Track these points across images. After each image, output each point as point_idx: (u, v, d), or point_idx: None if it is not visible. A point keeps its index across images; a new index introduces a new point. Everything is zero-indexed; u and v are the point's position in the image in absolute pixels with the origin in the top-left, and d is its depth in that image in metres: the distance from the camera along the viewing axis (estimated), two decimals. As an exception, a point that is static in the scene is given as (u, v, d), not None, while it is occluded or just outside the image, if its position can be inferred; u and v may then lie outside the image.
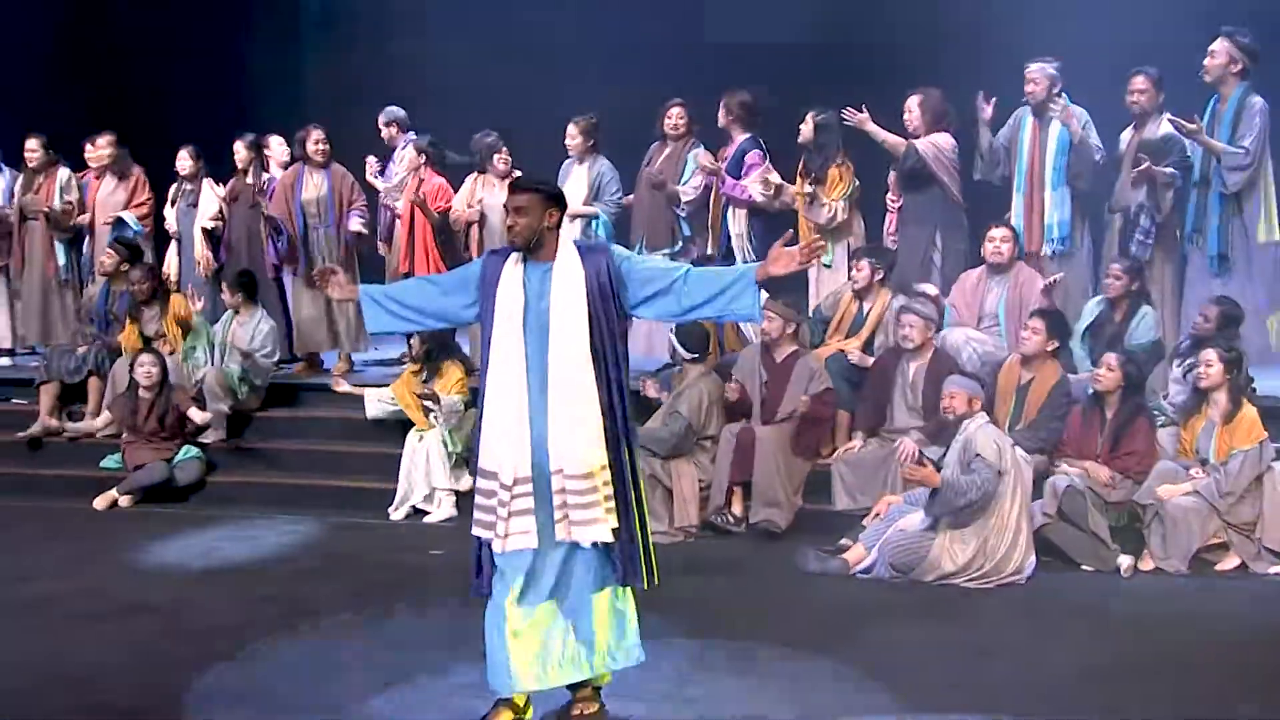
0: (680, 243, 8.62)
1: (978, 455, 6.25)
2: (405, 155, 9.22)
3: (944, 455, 6.62)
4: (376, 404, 8.30)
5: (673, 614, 5.55)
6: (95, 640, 5.53)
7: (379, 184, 9.36)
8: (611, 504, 4.42)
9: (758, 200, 8.34)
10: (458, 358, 8.32)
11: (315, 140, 9.16)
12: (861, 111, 8.06)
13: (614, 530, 4.44)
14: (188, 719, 4.73)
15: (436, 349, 8.11)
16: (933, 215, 8.14)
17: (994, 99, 8.02)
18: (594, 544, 4.47)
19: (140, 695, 4.92)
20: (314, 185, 9.21)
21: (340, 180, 9.23)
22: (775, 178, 8.38)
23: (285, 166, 9.58)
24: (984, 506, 6.26)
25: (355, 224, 9.18)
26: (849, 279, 7.99)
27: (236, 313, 8.77)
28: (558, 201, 4.54)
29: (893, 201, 8.36)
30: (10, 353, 10.19)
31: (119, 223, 9.75)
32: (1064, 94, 7.84)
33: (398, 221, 9.20)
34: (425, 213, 8.93)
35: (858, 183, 8.30)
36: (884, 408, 7.34)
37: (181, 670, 5.14)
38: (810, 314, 8.14)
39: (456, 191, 9.10)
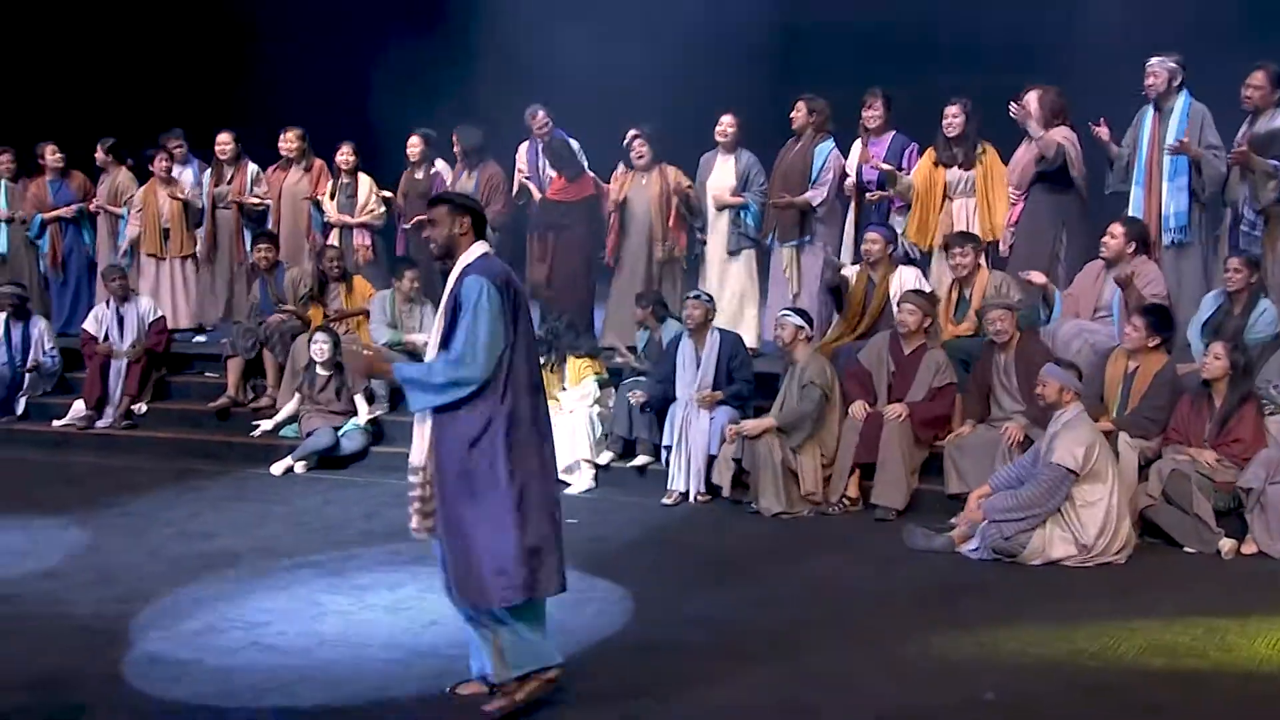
0: (809, 237, 9.03)
1: (1051, 463, 6.54)
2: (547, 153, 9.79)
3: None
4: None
5: (783, 585, 6.03)
6: (265, 590, 6.29)
7: (531, 187, 9.96)
8: (429, 507, 4.66)
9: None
10: (583, 347, 8.77)
11: (457, 139, 9.84)
12: (1023, 107, 8.28)
13: (429, 529, 4.70)
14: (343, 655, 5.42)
15: (556, 338, 8.56)
16: (1062, 210, 8.37)
17: (1103, 118, 8.20)
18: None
19: (304, 638, 5.63)
20: (462, 182, 9.89)
21: (488, 179, 9.88)
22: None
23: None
24: (1055, 507, 6.55)
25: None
26: (951, 266, 8.27)
27: (411, 301, 9.47)
28: (466, 210, 4.81)
29: (1014, 194, 8.57)
30: (203, 330, 11.15)
31: (316, 206, 10.55)
32: (1184, 88, 7.96)
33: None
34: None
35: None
36: (987, 396, 7.64)
37: (339, 616, 5.85)
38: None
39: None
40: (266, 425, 9.29)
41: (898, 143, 8.86)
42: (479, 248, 4.77)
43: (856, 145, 8.98)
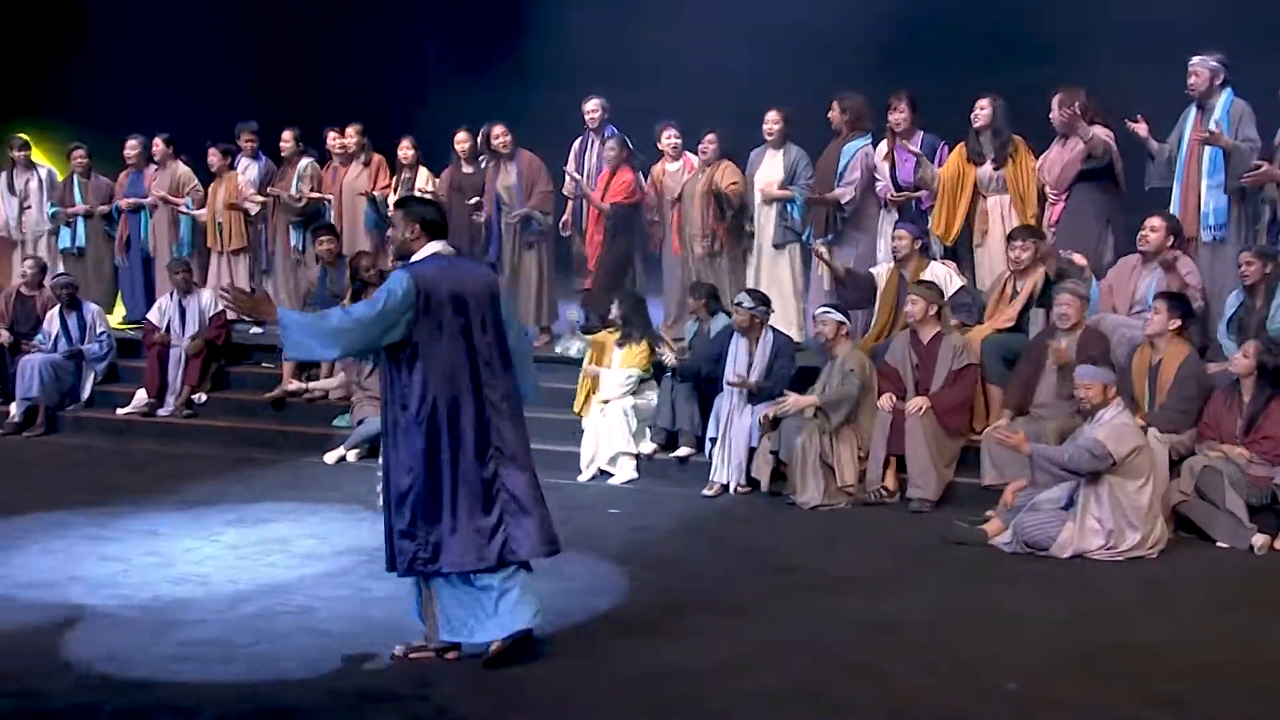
0: (832, 235, 9.17)
1: (1096, 439, 6.64)
2: (609, 147, 9.91)
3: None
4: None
5: (813, 575, 6.20)
6: (315, 576, 6.54)
7: (578, 182, 10.09)
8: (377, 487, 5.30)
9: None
10: (650, 332, 9.00)
11: (497, 135, 10.02)
12: (1070, 107, 8.32)
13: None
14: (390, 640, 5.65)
15: (633, 318, 8.83)
16: (1106, 207, 8.43)
17: (1139, 114, 8.24)
18: None
19: (352, 623, 5.86)
20: (506, 174, 10.10)
21: (528, 169, 10.08)
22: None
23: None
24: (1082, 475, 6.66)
25: (518, 214, 10.01)
26: (1010, 259, 8.36)
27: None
28: (417, 217, 5.23)
29: (1054, 194, 8.60)
30: (260, 322, 11.46)
31: (371, 202, 10.80)
32: (1228, 86, 7.99)
33: (585, 211, 10.01)
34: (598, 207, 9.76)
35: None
36: (1032, 386, 7.73)
37: (389, 603, 6.06)
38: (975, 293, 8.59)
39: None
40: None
41: (927, 142, 8.96)
42: (430, 248, 5.20)
43: (882, 146, 9.07)
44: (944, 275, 8.44)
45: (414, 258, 5.20)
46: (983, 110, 8.66)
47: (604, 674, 5.23)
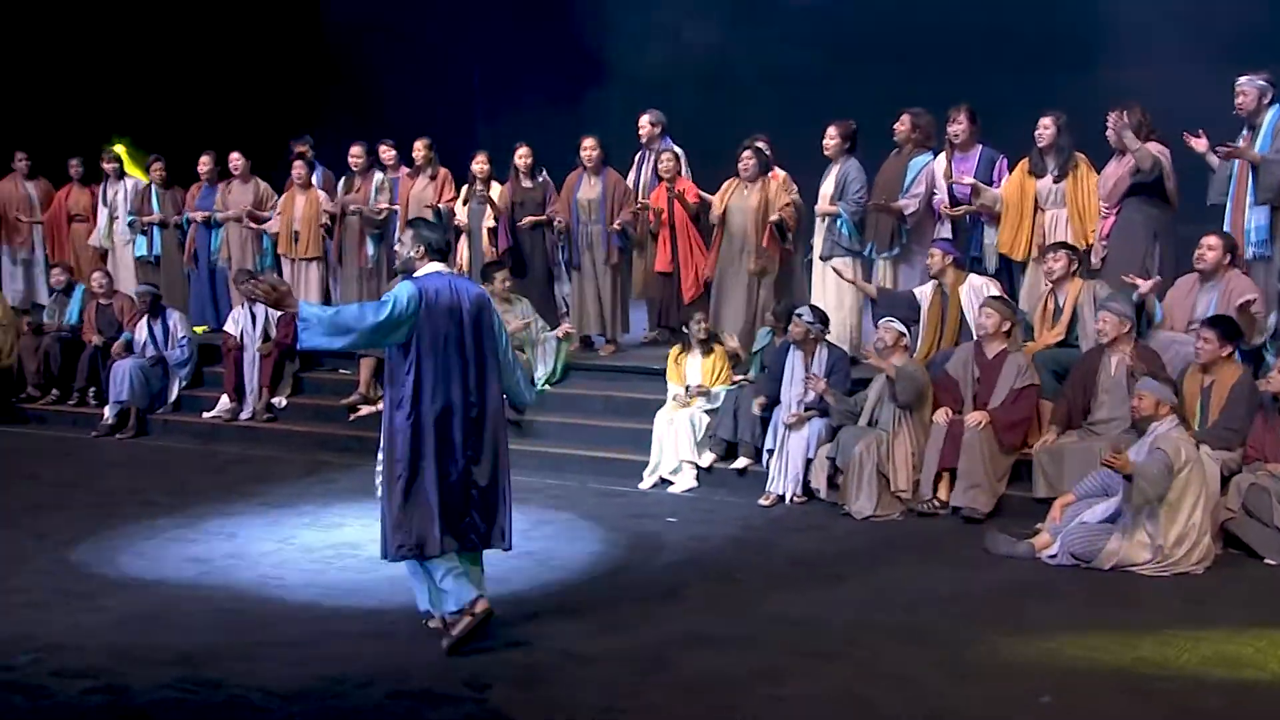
0: (898, 249, 9.32)
1: (1158, 448, 6.75)
2: (665, 157, 10.14)
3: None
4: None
5: (860, 586, 6.42)
6: (385, 580, 6.85)
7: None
8: (379, 477, 5.83)
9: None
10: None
11: (587, 147, 10.30)
12: (1119, 117, 8.41)
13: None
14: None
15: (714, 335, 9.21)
16: (1155, 222, 8.49)
17: (1200, 129, 8.31)
18: None
19: (413, 625, 6.17)
20: (589, 187, 10.37)
21: (614, 184, 10.35)
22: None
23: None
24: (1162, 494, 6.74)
25: (617, 224, 10.28)
26: (1044, 271, 8.47)
27: (506, 301, 9.99)
28: (425, 240, 5.88)
29: (1105, 207, 8.67)
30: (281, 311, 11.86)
31: (436, 214, 11.11)
32: (1275, 104, 8.03)
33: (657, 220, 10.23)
34: (683, 204, 9.93)
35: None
36: (1084, 401, 7.84)
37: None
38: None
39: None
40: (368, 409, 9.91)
41: (986, 156, 9.08)
42: (432, 267, 5.85)
43: (941, 159, 9.21)
44: (979, 286, 8.58)
45: (417, 274, 5.83)
46: (1046, 130, 8.74)
47: (654, 680, 5.48)
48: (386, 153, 11.47)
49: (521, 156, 10.67)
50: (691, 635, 6.00)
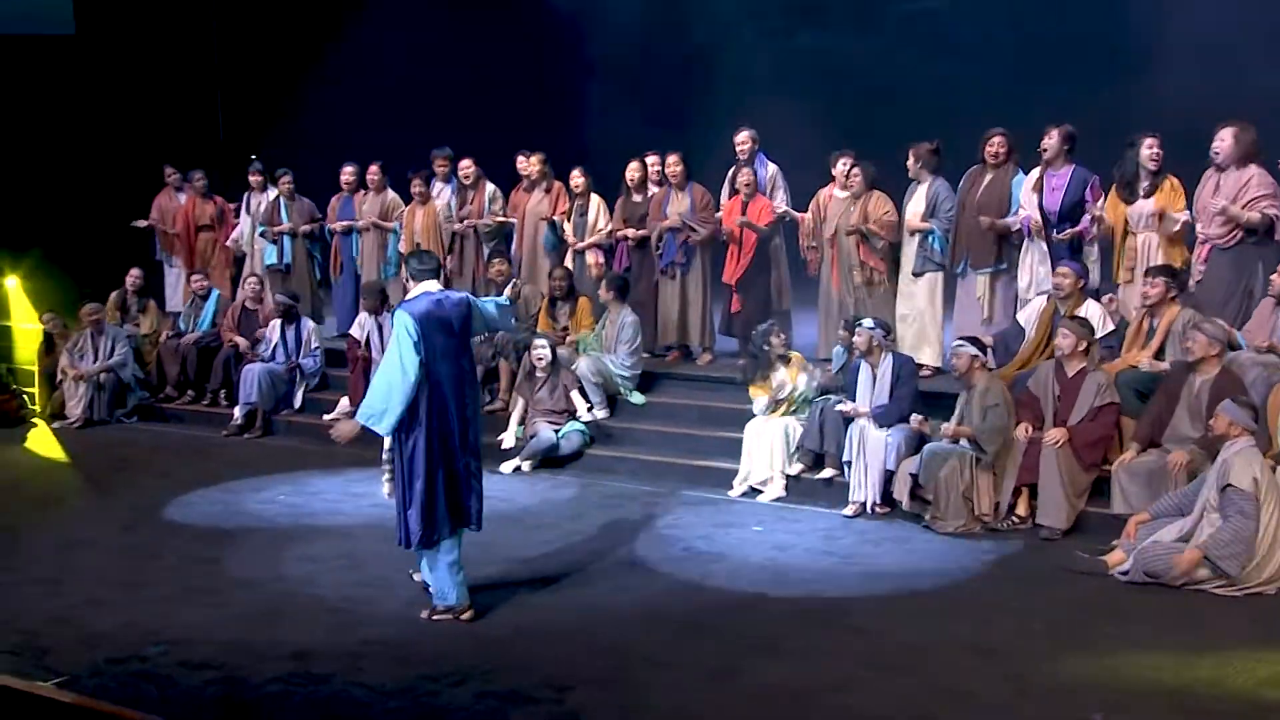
0: (1004, 264, 9.48)
1: (1229, 485, 6.88)
2: (744, 173, 10.53)
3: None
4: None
5: (932, 600, 6.71)
6: (482, 582, 7.29)
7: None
8: (388, 473, 6.69)
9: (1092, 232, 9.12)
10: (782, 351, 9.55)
11: (671, 164, 10.69)
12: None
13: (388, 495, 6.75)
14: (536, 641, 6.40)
15: (759, 351, 9.44)
16: (1257, 253, 8.49)
17: None
18: None
19: (506, 629, 6.61)
20: (677, 201, 10.75)
21: (700, 198, 10.71)
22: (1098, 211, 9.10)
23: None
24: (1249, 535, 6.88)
25: (695, 237, 10.65)
26: (1142, 294, 8.58)
27: (606, 310, 10.45)
28: (412, 269, 6.82)
29: (1202, 232, 8.69)
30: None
31: (550, 226, 11.63)
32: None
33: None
34: (753, 229, 10.33)
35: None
36: (1165, 419, 7.95)
37: (544, 612, 6.82)
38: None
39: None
40: (509, 440, 10.31)
41: (1078, 176, 9.17)
42: (422, 288, 6.69)
43: (1034, 174, 9.35)
44: (1099, 315, 8.72)
45: (408, 296, 6.73)
46: (1145, 149, 8.81)
47: (725, 687, 5.82)
48: (522, 162, 11.80)
49: (632, 171, 11.04)
50: (765, 644, 6.33)
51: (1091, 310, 8.76)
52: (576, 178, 11.36)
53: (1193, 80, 10.38)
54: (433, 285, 6.72)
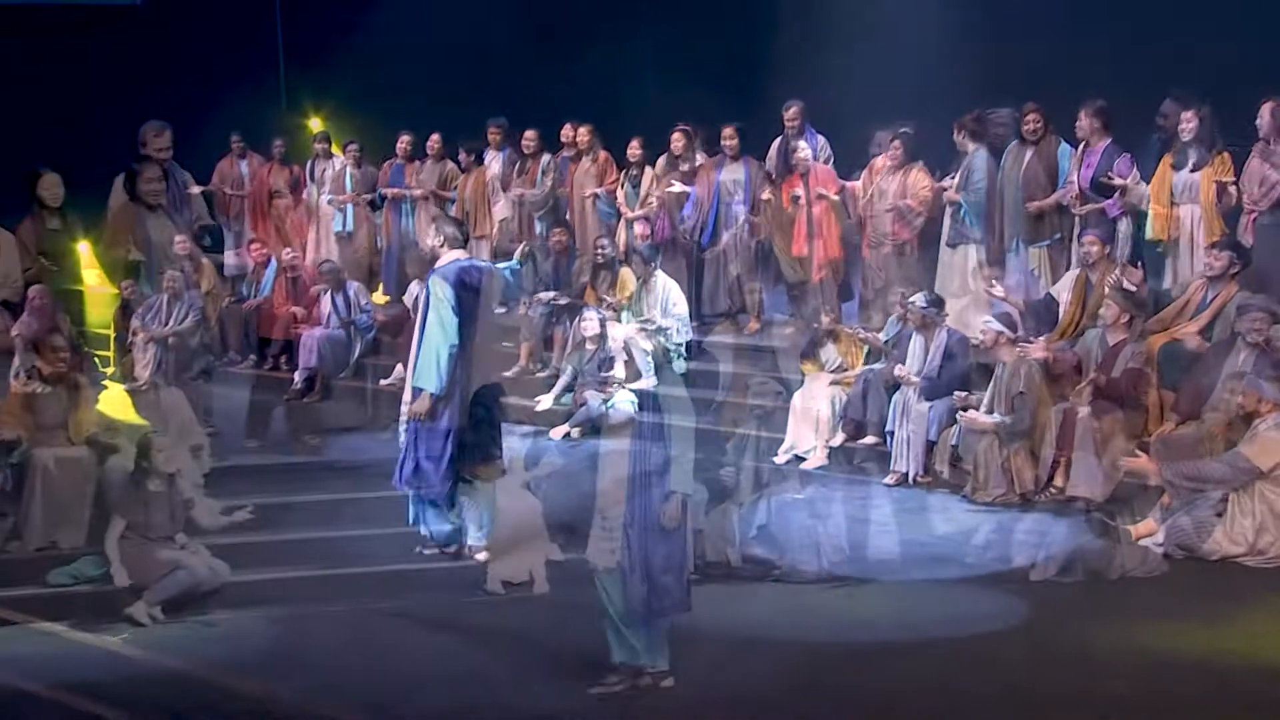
0: (1059, 235, 9.51)
1: (1239, 452, 6.94)
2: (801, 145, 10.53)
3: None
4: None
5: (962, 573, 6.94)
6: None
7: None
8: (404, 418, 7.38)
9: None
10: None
11: (727, 136, 10.79)
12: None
13: None
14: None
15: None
16: None
17: None
18: None
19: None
20: (732, 170, 10.86)
21: (756, 170, 10.81)
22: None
23: None
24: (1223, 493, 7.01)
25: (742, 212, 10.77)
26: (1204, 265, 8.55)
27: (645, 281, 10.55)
28: (446, 235, 7.29)
29: (1251, 202, 8.64)
30: (504, 304, 12.61)
31: (599, 198, 11.73)
32: None
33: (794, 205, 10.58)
34: (827, 199, 10.34)
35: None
36: (1205, 392, 7.97)
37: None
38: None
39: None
40: (545, 403, 10.53)
41: (1108, 152, 9.13)
42: (451, 255, 7.14)
43: (1080, 149, 9.33)
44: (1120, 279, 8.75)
45: (439, 263, 7.16)
46: (1189, 124, 8.79)
47: (754, 649, 6.03)
48: (570, 133, 11.91)
49: (675, 141, 11.10)
50: (798, 606, 6.48)
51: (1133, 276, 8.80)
52: (634, 149, 11.46)
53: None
54: (460, 254, 7.14)
